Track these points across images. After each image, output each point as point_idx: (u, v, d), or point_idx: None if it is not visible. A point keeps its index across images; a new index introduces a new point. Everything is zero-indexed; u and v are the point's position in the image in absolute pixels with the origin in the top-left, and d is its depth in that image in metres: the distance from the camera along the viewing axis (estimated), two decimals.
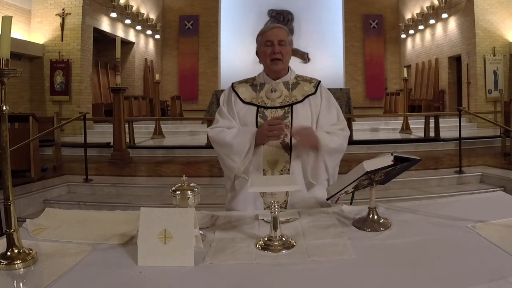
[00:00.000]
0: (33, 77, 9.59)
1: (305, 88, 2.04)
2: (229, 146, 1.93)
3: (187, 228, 1.28)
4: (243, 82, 2.11)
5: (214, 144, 2.01)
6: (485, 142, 7.77)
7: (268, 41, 1.98)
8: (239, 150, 1.91)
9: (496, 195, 1.98)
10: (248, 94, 2.04)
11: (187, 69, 15.86)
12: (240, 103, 2.02)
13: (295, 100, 2.00)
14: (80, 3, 9.49)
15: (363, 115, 11.61)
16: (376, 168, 1.47)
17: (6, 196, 1.31)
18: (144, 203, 4.54)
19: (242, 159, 1.92)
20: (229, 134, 1.94)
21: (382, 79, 15.31)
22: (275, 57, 1.98)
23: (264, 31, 2.04)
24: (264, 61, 2.04)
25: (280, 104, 1.99)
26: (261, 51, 2.04)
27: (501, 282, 1.08)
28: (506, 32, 10.19)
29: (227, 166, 1.98)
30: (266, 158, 1.93)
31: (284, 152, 1.93)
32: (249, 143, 1.89)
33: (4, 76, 1.27)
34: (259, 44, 2.04)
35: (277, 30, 2.01)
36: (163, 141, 8.55)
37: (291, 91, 2.03)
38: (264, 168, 1.93)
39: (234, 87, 2.09)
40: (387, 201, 2.39)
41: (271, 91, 2.02)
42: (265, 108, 1.99)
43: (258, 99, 2.02)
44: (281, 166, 1.93)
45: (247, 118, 1.99)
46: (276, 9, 16.44)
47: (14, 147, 4.49)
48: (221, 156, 1.99)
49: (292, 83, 2.06)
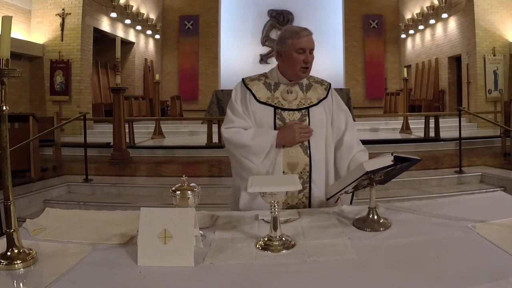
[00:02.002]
0: (33, 77, 9.60)
1: (319, 91, 2.04)
2: (247, 148, 1.89)
3: (187, 228, 1.28)
4: (255, 80, 2.04)
5: (230, 145, 1.96)
6: (485, 142, 7.78)
7: (301, 49, 1.92)
8: (259, 152, 1.88)
9: (496, 195, 1.98)
10: (263, 93, 1.99)
11: (187, 69, 15.86)
12: (256, 102, 1.97)
13: (311, 103, 1.99)
14: (80, 3, 9.49)
15: (363, 115, 11.63)
16: (376, 168, 1.47)
17: (6, 196, 1.30)
18: (144, 203, 4.53)
19: (261, 160, 1.89)
20: (247, 136, 1.90)
21: (382, 79, 15.31)
22: (306, 66, 1.95)
23: (297, 36, 1.93)
24: (291, 66, 1.96)
25: (297, 107, 1.97)
26: (288, 53, 1.94)
27: (501, 282, 1.08)
28: (506, 32, 10.20)
29: (244, 167, 1.93)
30: (286, 160, 1.92)
31: (304, 155, 1.93)
32: (269, 144, 1.87)
33: (4, 76, 1.27)
34: (288, 47, 1.93)
35: (310, 38, 1.95)
36: (163, 141, 8.55)
37: (305, 93, 2.01)
38: (284, 170, 1.92)
39: (247, 84, 2.01)
40: (387, 201, 2.38)
41: (287, 92, 2.00)
42: (283, 109, 1.96)
43: (274, 99, 1.97)
44: (301, 169, 1.93)
45: (264, 118, 1.95)
46: (276, 9, 16.43)
47: (14, 147, 4.49)
48: (237, 157, 1.94)
49: (306, 84, 2.04)
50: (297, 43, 1.92)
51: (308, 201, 1.96)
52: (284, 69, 2.00)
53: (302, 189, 1.89)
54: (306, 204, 1.95)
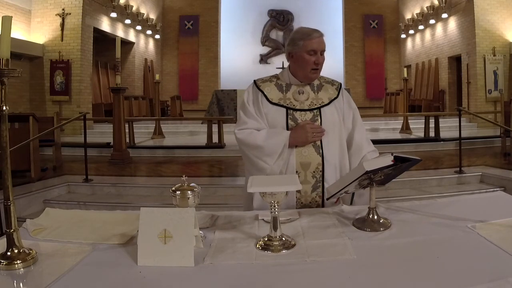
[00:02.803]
0: (33, 77, 9.59)
1: (330, 91, 2.06)
2: (261, 149, 1.92)
3: (187, 228, 1.28)
4: (267, 81, 2.07)
5: (243, 146, 1.98)
6: (485, 142, 7.78)
7: (312, 50, 1.94)
8: (272, 152, 1.91)
9: (496, 195, 1.98)
10: (275, 95, 2.01)
11: (187, 69, 15.86)
12: (268, 104, 1.99)
13: (322, 103, 2.01)
14: (80, 3, 9.49)
15: (363, 115, 11.50)
16: (376, 168, 1.47)
17: (6, 196, 1.30)
18: (144, 203, 4.53)
19: (275, 161, 1.92)
20: (260, 137, 1.93)
21: (382, 79, 15.31)
22: (317, 67, 1.97)
23: (309, 38, 1.95)
24: (302, 67, 1.98)
25: (309, 107, 1.99)
26: (299, 55, 1.97)
27: (501, 282, 1.08)
28: (506, 32, 10.20)
29: (257, 167, 1.95)
30: (299, 160, 1.94)
31: (316, 154, 1.95)
32: (282, 144, 1.90)
33: (4, 76, 1.27)
34: (299, 48, 1.96)
35: (321, 39, 1.98)
36: (163, 141, 8.55)
37: (317, 94, 2.03)
38: (297, 170, 1.94)
39: (259, 86, 2.04)
40: (387, 201, 2.39)
41: (299, 93, 2.02)
42: (295, 110, 1.98)
43: (286, 100, 2.00)
44: (314, 168, 1.95)
45: (277, 119, 1.97)
46: (276, 9, 16.44)
47: (14, 147, 4.49)
48: (250, 157, 1.97)
49: (317, 85, 2.06)
50: (308, 45, 1.94)
51: (322, 200, 1.96)
52: (295, 70, 2.03)
53: (315, 188, 1.94)
54: (320, 203, 1.96)
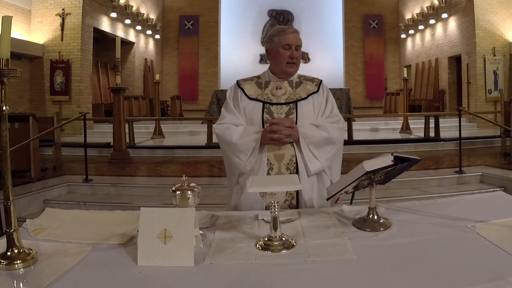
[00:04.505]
0: (33, 77, 9.59)
1: (308, 87, 2.12)
2: (235, 145, 1.99)
3: (187, 228, 1.28)
4: (248, 80, 2.18)
5: (220, 141, 2.07)
6: (485, 142, 7.77)
7: (287, 45, 2.03)
8: (245, 149, 1.98)
9: (496, 195, 1.98)
10: (254, 91, 2.11)
11: (187, 69, 15.86)
12: (246, 99, 2.08)
13: (299, 97, 2.07)
14: (80, 3, 9.48)
15: (363, 115, 11.62)
16: (376, 168, 1.47)
17: (6, 196, 1.30)
18: (144, 203, 4.53)
19: (248, 157, 1.98)
20: (235, 134, 2.00)
21: (382, 79, 15.30)
22: (292, 61, 2.05)
23: (284, 33, 2.05)
24: (278, 62, 2.07)
25: (285, 101, 2.06)
26: (275, 51, 2.06)
27: (501, 282, 1.08)
28: (506, 32, 10.19)
29: (232, 163, 2.03)
30: (273, 152, 1.98)
31: (290, 145, 1.98)
32: (254, 142, 1.97)
33: (4, 76, 1.27)
34: (275, 44, 2.06)
35: (296, 35, 2.06)
36: (163, 141, 8.55)
37: (295, 89, 2.10)
38: (272, 162, 1.98)
39: (239, 84, 2.15)
40: (387, 201, 2.39)
41: (276, 88, 2.09)
42: (271, 104, 2.05)
43: (263, 95, 2.09)
44: (288, 160, 1.98)
45: (253, 113, 2.05)
46: (276, 9, 16.44)
47: (14, 147, 4.49)
48: (226, 152, 2.06)
49: (296, 82, 2.13)
50: (283, 40, 2.04)
51: (296, 193, 1.97)
52: (273, 66, 2.12)
53: None
54: (294, 195, 1.97)
